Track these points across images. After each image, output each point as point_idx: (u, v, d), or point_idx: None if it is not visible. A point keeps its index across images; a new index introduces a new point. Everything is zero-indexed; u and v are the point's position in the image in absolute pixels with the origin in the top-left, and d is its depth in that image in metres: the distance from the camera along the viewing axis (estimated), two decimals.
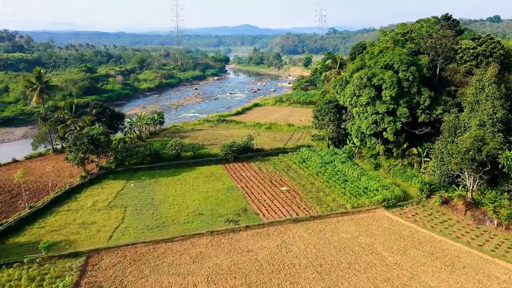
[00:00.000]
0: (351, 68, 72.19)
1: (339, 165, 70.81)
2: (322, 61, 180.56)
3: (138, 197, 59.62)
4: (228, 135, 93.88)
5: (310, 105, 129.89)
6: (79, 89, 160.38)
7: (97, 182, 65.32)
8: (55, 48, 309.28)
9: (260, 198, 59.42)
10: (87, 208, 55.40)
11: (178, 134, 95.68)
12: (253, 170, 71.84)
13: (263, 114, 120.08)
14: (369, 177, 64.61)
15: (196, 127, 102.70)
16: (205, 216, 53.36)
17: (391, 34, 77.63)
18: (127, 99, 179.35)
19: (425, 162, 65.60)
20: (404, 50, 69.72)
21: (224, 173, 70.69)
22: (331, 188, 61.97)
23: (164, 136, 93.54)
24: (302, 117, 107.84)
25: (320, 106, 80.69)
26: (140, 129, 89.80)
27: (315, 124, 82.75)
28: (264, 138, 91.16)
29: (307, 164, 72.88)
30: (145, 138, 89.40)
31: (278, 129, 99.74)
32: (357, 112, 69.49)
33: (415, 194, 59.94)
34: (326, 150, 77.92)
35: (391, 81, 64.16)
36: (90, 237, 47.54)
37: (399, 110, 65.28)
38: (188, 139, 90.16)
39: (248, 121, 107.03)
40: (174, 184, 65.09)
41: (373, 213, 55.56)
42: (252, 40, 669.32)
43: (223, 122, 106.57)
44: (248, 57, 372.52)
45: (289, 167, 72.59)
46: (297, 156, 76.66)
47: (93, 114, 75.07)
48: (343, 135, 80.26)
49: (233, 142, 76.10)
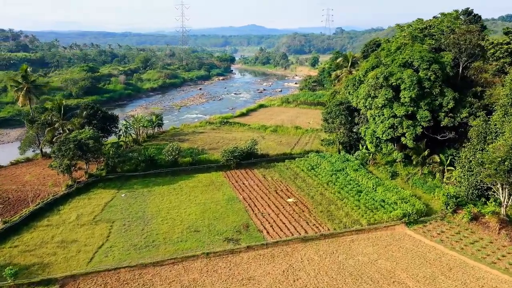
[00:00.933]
0: (365, 66, 65.27)
1: (351, 173, 63.93)
2: (330, 61, 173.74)
3: (128, 210, 53.20)
4: (230, 139, 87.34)
5: (318, 106, 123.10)
6: (79, 89, 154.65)
7: (85, 191, 59.01)
8: (59, 48, 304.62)
9: (264, 212, 52.72)
10: (70, 223, 49.06)
11: (178, 137, 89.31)
12: (257, 178, 65.18)
13: (269, 116, 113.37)
14: (385, 187, 57.66)
15: (197, 130, 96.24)
16: (201, 234, 46.78)
17: (409, 30, 70.54)
18: (129, 99, 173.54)
19: (449, 171, 58.55)
20: (424, 47, 62.71)
21: (225, 181, 64.11)
22: (344, 200, 55.12)
23: (162, 139, 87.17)
24: (310, 119, 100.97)
25: (330, 108, 73.81)
26: (137, 132, 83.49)
27: (325, 127, 75.91)
28: (269, 142, 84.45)
29: (316, 171, 66.11)
30: (142, 141, 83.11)
31: (285, 132, 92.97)
32: (372, 115, 62.57)
33: (439, 208, 52.92)
34: (337, 156, 71.02)
35: (411, 81, 57.20)
36: (68, 259, 41.15)
37: (419, 113, 58.28)
38: (188, 143, 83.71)
39: (253, 123, 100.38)
40: (169, 194, 58.60)
41: (392, 230, 48.63)
42: (258, 40, 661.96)
43: (226, 124, 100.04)
44: (254, 57, 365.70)
45: (296, 175, 65.85)
46: (305, 163, 69.89)
47: (84, 116, 68.83)
48: (355, 140, 73.32)
49: (235, 147, 69.52)
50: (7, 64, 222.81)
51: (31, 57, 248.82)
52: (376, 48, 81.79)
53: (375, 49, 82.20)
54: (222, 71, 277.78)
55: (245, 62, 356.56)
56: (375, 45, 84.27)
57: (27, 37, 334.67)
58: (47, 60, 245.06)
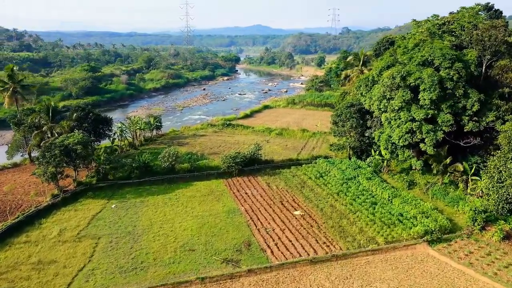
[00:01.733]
0: (379, 65, 59.31)
1: (364, 182, 58.08)
2: (337, 60, 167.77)
3: (117, 223, 47.75)
4: (233, 142, 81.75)
5: (326, 108, 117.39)
6: (79, 89, 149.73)
7: (72, 201, 53.62)
8: (63, 48, 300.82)
9: (268, 227, 47.03)
10: (50, 240, 43.68)
11: (177, 140, 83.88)
12: (261, 187, 59.51)
13: (274, 118, 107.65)
14: (403, 199, 51.74)
15: (198, 132, 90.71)
16: (196, 253, 41.18)
17: (427, 25, 64.45)
18: (131, 99, 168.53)
19: (473, 182, 52.51)
20: (446, 43, 56.68)
21: (226, 190, 58.49)
22: (356, 213, 49.29)
23: (161, 143, 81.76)
24: (318, 122, 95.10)
25: (340, 110, 67.97)
26: (133, 135, 78.13)
27: (334, 131, 70.05)
28: (274, 146, 78.75)
29: (326, 180, 60.33)
30: (138, 145, 77.73)
31: (290, 135, 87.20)
32: (387, 119, 56.63)
33: (464, 223, 46.94)
34: (348, 163, 65.15)
35: (431, 81, 51.23)
36: (43, 285, 35.76)
37: (440, 117, 52.27)
38: (187, 146, 78.23)
39: (257, 126, 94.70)
40: (164, 205, 53.06)
41: (413, 250, 42.75)
42: (264, 40, 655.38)
43: (228, 126, 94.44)
44: (259, 56, 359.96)
45: (303, 184, 60.10)
46: (313, 170, 64.11)
47: (74, 119, 63.47)
48: (366, 145, 67.41)
49: (237, 153, 63.88)
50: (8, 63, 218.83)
51: (33, 57, 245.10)
52: (389, 46, 75.75)
53: (388, 47, 76.18)
54: (227, 71, 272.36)
55: (250, 62, 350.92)
56: (388, 42, 78.15)
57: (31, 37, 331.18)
58: (50, 60, 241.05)
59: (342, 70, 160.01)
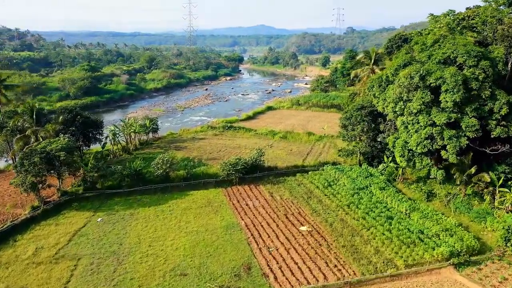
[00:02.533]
0: (395, 63, 53.41)
1: (377, 192, 52.28)
2: (344, 59, 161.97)
3: (102, 241, 42.28)
4: (234, 146, 76.15)
5: (332, 109, 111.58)
6: (77, 89, 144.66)
7: (54, 214, 48.19)
8: (65, 47, 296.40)
9: (271, 246, 41.40)
10: (24, 261, 38.25)
11: (175, 144, 78.37)
12: (263, 197, 53.87)
13: (278, 120, 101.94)
14: (422, 213, 45.92)
15: (197, 135, 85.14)
16: (188, 279, 35.57)
17: (446, 20, 58.51)
18: (131, 100, 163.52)
19: (501, 194, 46.64)
20: (469, 39, 50.80)
21: (225, 201, 52.87)
22: (371, 229, 43.54)
23: (157, 147, 76.27)
24: (324, 124, 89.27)
25: (350, 112, 62.20)
26: (127, 139, 72.68)
27: (343, 135, 64.28)
28: (278, 151, 73.05)
29: (334, 189, 54.59)
30: (132, 150, 72.24)
31: (295, 138, 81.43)
32: (404, 123, 50.77)
33: (494, 243, 41.07)
34: (358, 170, 59.37)
35: (455, 81, 45.35)
36: None
37: (464, 121, 46.39)
38: (185, 151, 72.71)
39: (260, 129, 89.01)
40: (156, 218, 47.54)
41: (437, 275, 36.97)
42: (267, 40, 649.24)
43: (229, 129, 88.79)
44: (263, 56, 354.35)
45: (310, 193, 54.39)
46: (320, 178, 58.36)
47: (60, 122, 58.12)
48: (378, 150, 61.59)
49: (237, 159, 58.21)
50: (9, 63, 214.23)
51: (34, 56, 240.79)
52: (402, 44, 70.06)
53: (401, 44, 70.50)
54: (230, 71, 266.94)
55: (253, 62, 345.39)
56: (401, 40, 72.44)
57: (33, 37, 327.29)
58: (51, 60, 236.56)
59: (348, 69, 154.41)
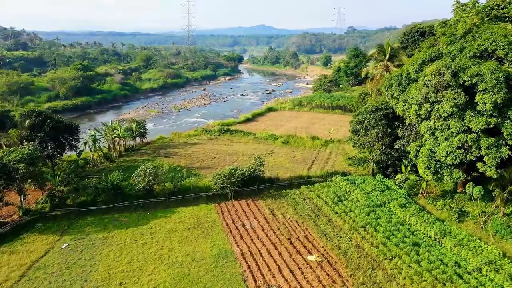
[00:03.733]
0: (418, 58, 44.85)
1: (397, 210, 43.85)
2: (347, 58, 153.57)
3: (62, 276, 33.81)
4: (230, 153, 67.72)
5: (336, 110, 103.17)
6: (68, 89, 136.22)
7: (11, 238, 39.69)
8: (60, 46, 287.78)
9: (272, 284, 32.95)
10: None
11: (165, 150, 69.92)
12: (262, 215, 45.43)
13: (279, 122, 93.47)
14: (456, 238, 37.49)
15: (191, 140, 76.59)
16: None
17: (477, 8, 49.96)
18: (125, 100, 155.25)
19: None
20: (509, 27, 42.40)
21: (217, 220, 44.41)
22: (394, 260, 35.10)
23: (144, 153, 67.77)
24: (330, 128, 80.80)
25: (363, 115, 53.81)
26: (110, 145, 64.19)
27: (354, 141, 55.84)
28: (280, 158, 64.60)
29: (346, 205, 46.18)
30: (116, 157, 63.79)
31: (299, 143, 72.95)
32: (430, 128, 42.32)
33: None
34: (373, 182, 50.89)
35: (495, 78, 36.96)
36: None
37: (506, 127, 37.96)
38: (175, 158, 64.30)
39: (259, 132, 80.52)
40: (133, 244, 39.07)
41: None
42: (267, 40, 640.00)
43: (226, 133, 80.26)
44: (263, 56, 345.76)
45: (318, 211, 45.95)
46: (329, 191, 49.90)
47: (26, 127, 49.71)
48: (395, 159, 53.17)
49: (233, 169, 49.69)
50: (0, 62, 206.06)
51: (28, 56, 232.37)
52: (418, 37, 61.60)
53: (418, 38, 62.08)
54: (229, 70, 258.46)
55: (253, 62, 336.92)
56: (418, 33, 63.93)
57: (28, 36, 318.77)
58: (45, 59, 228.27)
59: (353, 68, 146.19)
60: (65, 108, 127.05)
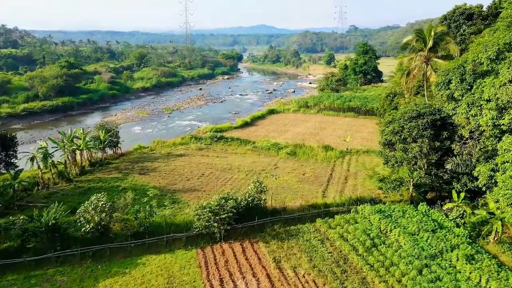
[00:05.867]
0: (496, 40, 30.13)
1: (464, 267, 29.23)
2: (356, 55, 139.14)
3: None
4: (224, 168, 53.07)
5: (348, 113, 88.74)
6: (49, 89, 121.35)
7: None
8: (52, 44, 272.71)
9: None
10: None
11: (142, 164, 55.22)
12: (264, 270, 30.79)
13: (282, 127, 78.78)
14: None
15: (176, 150, 61.81)
16: None
17: None
18: (113, 101, 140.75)
19: None
20: None
21: (198, 280, 29.78)
22: None
23: (115, 169, 52.92)
24: (345, 134, 66.28)
25: (400, 123, 39.21)
26: (67, 160, 49.41)
27: (386, 157, 41.28)
28: (286, 176, 49.92)
29: (384, 254, 31.59)
30: (76, 174, 48.99)
31: (308, 155, 58.18)
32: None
33: None
34: (417, 217, 36.13)
35: None
36: None
37: None
38: (152, 176, 49.61)
39: (260, 140, 65.72)
40: None
41: None
42: (268, 39, 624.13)
43: (219, 141, 65.43)
44: (263, 55, 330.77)
45: (344, 262, 31.37)
46: (356, 229, 35.21)
47: None
48: (443, 182, 38.65)
49: (223, 199, 35.00)
50: None
51: (17, 53, 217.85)
52: (465, 20, 46.90)
53: (463, 22, 47.26)
54: (228, 69, 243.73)
55: (253, 61, 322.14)
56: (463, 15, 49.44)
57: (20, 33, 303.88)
58: (35, 57, 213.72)
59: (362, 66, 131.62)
60: (43, 110, 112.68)
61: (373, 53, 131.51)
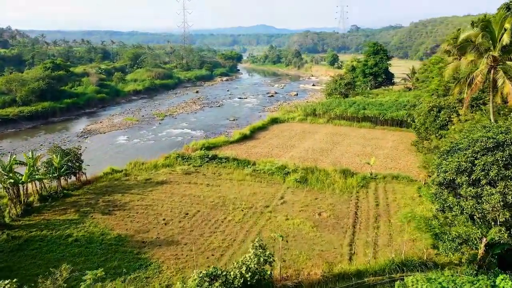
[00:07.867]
0: None
1: None
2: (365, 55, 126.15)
3: None
4: (215, 202, 40.20)
5: (363, 123, 75.79)
6: (28, 93, 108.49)
7: None
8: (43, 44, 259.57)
9: None
10: None
11: (110, 196, 42.23)
12: None
13: (288, 140, 65.83)
14: None
15: (156, 176, 48.64)
16: None
17: None
18: (102, 105, 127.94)
19: None
20: None
21: None
22: None
23: (73, 205, 39.97)
24: (370, 156, 53.45)
25: (468, 156, 26.37)
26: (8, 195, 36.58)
27: (445, 204, 28.33)
28: (295, 217, 36.91)
29: None
30: (17, 215, 36.16)
31: (323, 183, 45.05)
32: None
33: None
34: None
35: None
36: None
37: None
38: (119, 217, 36.68)
39: (261, 161, 52.60)
40: None
41: None
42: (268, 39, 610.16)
43: (212, 161, 52.40)
44: (263, 55, 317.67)
45: None
46: None
47: None
48: None
49: (205, 279, 22.27)
50: None
51: (5, 54, 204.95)
52: None
53: None
54: (227, 70, 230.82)
55: (253, 61, 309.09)
56: None
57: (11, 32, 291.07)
58: (24, 58, 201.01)
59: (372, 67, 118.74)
60: (20, 116, 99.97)
61: (384, 53, 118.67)
